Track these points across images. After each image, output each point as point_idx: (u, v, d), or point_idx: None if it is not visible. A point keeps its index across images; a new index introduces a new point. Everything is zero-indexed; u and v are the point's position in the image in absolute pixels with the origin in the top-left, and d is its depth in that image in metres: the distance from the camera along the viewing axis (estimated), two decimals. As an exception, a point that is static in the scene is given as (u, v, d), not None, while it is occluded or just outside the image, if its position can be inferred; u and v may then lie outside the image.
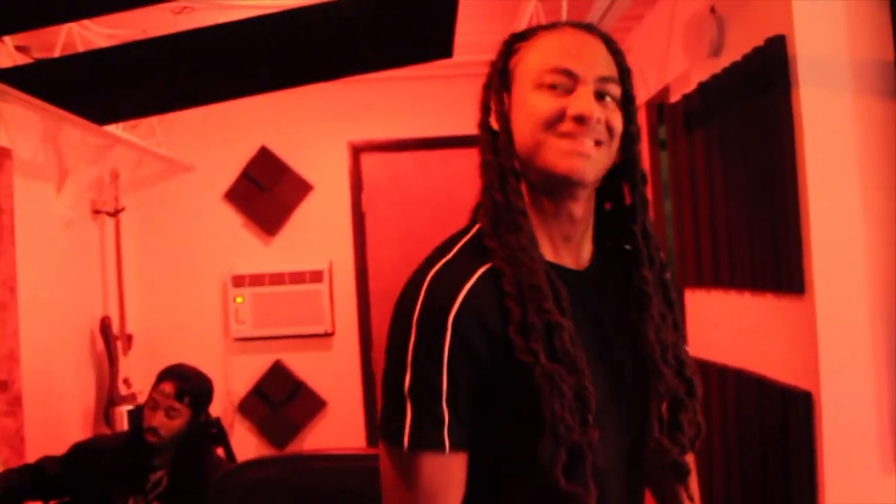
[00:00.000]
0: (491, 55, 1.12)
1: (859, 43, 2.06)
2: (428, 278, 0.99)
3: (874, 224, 2.03)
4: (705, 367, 2.75)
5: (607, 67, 1.05)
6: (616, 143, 1.05)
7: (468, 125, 1.07)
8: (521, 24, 3.35)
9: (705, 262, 2.69)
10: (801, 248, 2.06)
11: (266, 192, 4.43)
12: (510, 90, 1.08)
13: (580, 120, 1.00)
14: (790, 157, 2.08)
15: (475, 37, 3.50)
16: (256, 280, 4.32)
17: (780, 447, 2.14)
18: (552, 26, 1.10)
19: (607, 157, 1.05)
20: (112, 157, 3.88)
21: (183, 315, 4.43)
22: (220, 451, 2.71)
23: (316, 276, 4.33)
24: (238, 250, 4.44)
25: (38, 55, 3.21)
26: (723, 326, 2.68)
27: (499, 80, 1.09)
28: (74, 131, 3.46)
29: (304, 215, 4.46)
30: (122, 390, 3.88)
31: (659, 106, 3.28)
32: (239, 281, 4.34)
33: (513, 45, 1.11)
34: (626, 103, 1.07)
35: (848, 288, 2.03)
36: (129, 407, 3.86)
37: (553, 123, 1.01)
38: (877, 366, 2.00)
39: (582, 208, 1.06)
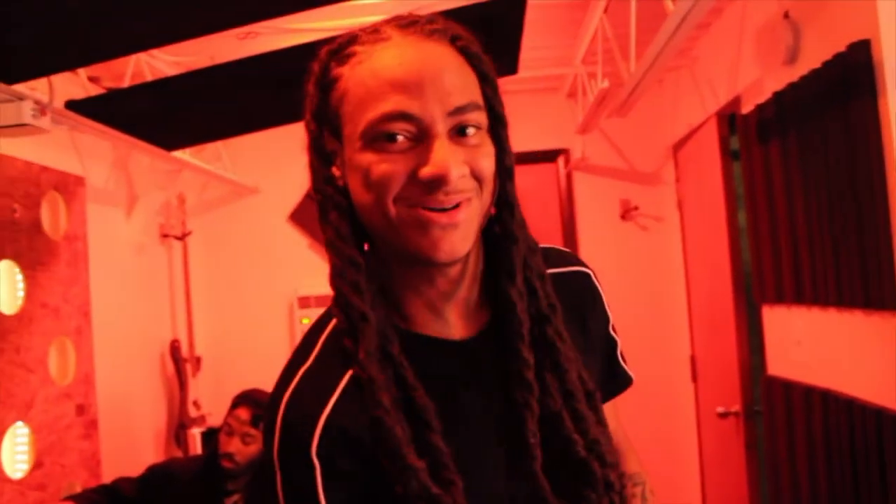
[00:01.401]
0: (553, 69, 0.94)
1: (950, 45, 1.95)
2: (283, 403, 0.83)
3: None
4: (787, 387, 2.64)
5: (461, 91, 0.80)
6: (489, 185, 0.83)
7: (530, 141, 0.91)
8: (585, 39, 3.30)
9: (785, 278, 2.59)
10: (892, 263, 1.95)
11: (330, 212, 4.45)
12: (340, 137, 0.83)
13: (436, 184, 0.77)
14: (878, 166, 1.98)
15: (537, 52, 3.47)
16: (323, 301, 4.32)
17: (876, 471, 2.04)
18: (374, 36, 0.83)
19: (480, 209, 0.83)
20: (179, 181, 3.94)
21: (250, 337, 4.46)
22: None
23: (380, 296, 4.32)
24: (304, 271, 4.46)
25: (109, 85, 3.28)
26: (805, 344, 2.57)
27: (317, 128, 0.85)
28: (143, 157, 3.52)
29: (368, 235, 4.45)
30: (192, 412, 3.91)
31: (730, 116, 3.19)
32: (305, 302, 4.36)
33: (329, 72, 0.84)
34: (495, 124, 0.84)
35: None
36: (200, 429, 3.90)
37: (401, 193, 0.79)
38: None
39: (460, 267, 0.87)
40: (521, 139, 1.03)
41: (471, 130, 0.80)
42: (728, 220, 3.22)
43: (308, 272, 4.45)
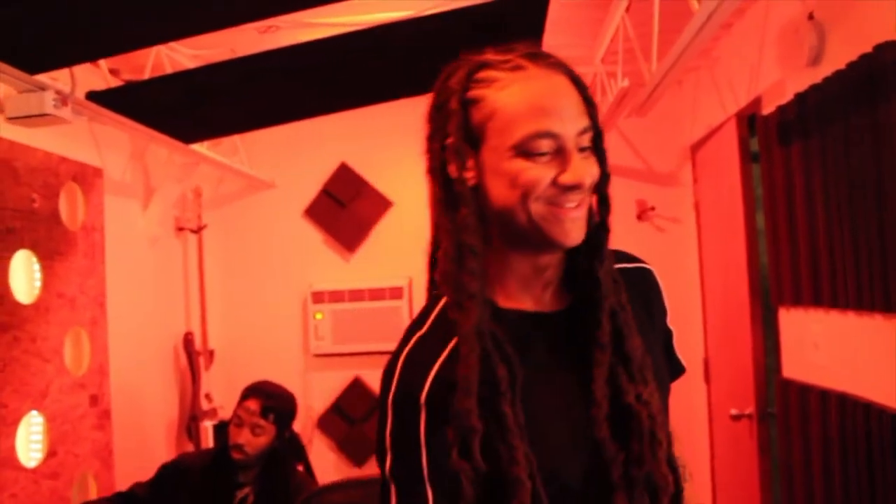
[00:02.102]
0: (575, 68, 1.05)
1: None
2: (401, 359, 1.01)
3: None
4: (803, 390, 2.62)
5: (583, 116, 1.00)
6: (593, 188, 1.03)
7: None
8: (606, 38, 3.29)
9: (803, 280, 2.57)
10: (914, 267, 1.94)
11: (346, 208, 4.45)
12: (478, 146, 1.01)
13: (574, 188, 0.98)
14: (902, 169, 1.96)
15: (557, 50, 3.43)
16: (336, 296, 4.33)
17: (893, 477, 2.02)
18: (510, 65, 1.00)
19: (589, 205, 1.04)
20: (195, 174, 3.95)
21: (263, 331, 4.47)
22: (299, 467, 2.71)
23: (395, 293, 4.31)
24: (318, 267, 4.47)
25: (128, 77, 3.29)
26: (823, 347, 2.55)
27: (462, 140, 1.01)
28: (161, 150, 3.54)
29: (384, 232, 4.45)
30: (204, 405, 3.93)
31: (750, 117, 3.16)
32: (319, 297, 4.36)
33: (468, 90, 1.01)
34: (597, 141, 1.03)
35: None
36: (212, 422, 3.91)
37: (542, 193, 0.98)
38: None
39: (560, 253, 1.05)
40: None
41: (587, 146, 1.00)
42: (746, 222, 3.20)
43: (322, 267, 4.46)
